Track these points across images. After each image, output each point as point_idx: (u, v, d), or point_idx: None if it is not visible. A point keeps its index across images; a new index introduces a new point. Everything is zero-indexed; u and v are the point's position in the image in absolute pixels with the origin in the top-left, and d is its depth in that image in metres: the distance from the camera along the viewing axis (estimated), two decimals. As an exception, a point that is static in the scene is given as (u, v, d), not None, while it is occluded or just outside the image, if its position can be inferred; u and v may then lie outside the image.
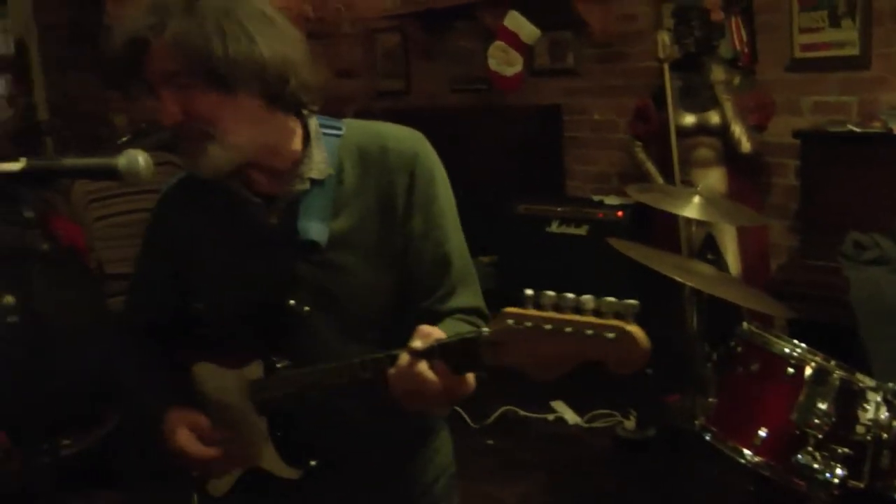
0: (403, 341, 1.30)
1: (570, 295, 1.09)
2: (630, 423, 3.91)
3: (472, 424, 4.07)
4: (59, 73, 5.36)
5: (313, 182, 1.46)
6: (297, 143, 1.46)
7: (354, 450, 1.53)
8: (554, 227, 4.40)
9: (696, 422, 2.88)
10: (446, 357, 1.22)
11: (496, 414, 4.13)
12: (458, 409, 4.07)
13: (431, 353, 1.23)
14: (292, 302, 1.45)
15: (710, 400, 2.99)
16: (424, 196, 1.47)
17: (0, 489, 2.36)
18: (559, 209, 4.41)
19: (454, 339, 1.24)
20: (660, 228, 3.79)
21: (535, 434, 4.03)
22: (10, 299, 2.74)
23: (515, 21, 4.77)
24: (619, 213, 4.20)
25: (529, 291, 1.12)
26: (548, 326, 1.09)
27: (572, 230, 4.34)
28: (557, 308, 1.09)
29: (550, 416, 4.13)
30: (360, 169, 1.48)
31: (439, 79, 5.78)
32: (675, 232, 3.52)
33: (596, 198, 4.49)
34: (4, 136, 5.27)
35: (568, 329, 1.07)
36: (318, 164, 1.46)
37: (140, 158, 1.33)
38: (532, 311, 1.11)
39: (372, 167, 1.47)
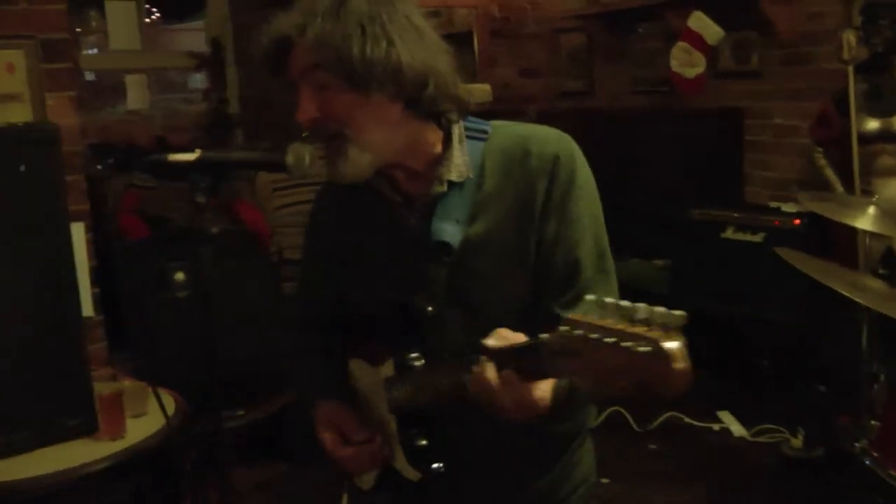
0: None
1: (626, 303, 1.00)
2: (797, 441, 3.75)
3: (635, 427, 4.04)
4: (251, 69, 5.70)
5: (451, 184, 1.46)
6: (436, 147, 1.47)
7: (482, 457, 1.53)
8: (729, 234, 4.28)
9: (858, 445, 2.75)
10: (507, 363, 1.20)
11: (660, 419, 4.08)
12: (622, 410, 4.06)
13: (502, 357, 1.21)
14: (419, 302, 1.46)
15: (873, 423, 2.85)
16: (560, 200, 1.44)
17: (175, 452, 2.57)
18: (735, 215, 4.28)
19: (514, 345, 1.21)
20: (838, 239, 3.61)
21: (698, 443, 3.95)
22: (181, 276, 2.98)
23: (700, 21, 4.68)
24: (796, 221, 4.02)
25: (591, 297, 1.05)
26: (594, 336, 1.01)
27: (748, 237, 4.20)
28: (619, 316, 1.01)
29: (716, 427, 4.03)
30: (502, 172, 1.47)
31: (622, 79, 5.73)
32: (853, 243, 3.35)
33: (773, 204, 4.32)
34: (199, 128, 5.68)
35: (609, 339, 0.99)
36: (458, 166, 1.46)
37: (306, 154, 1.40)
38: (590, 318, 1.03)
39: (514, 170, 1.46)
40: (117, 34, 5.19)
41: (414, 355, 1.47)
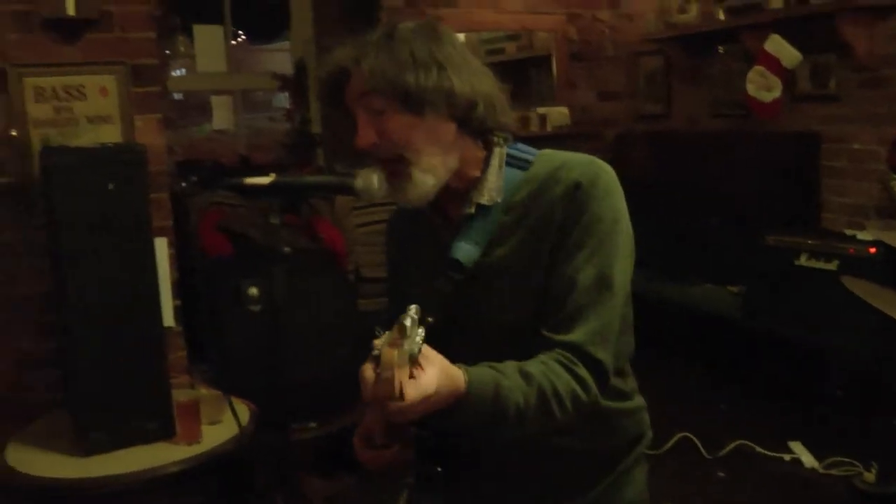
0: None
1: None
2: (870, 476, 3.67)
3: (705, 455, 4.01)
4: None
5: (480, 207, 1.53)
6: (477, 169, 1.55)
7: (522, 470, 1.58)
8: (803, 261, 4.22)
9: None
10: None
11: (730, 447, 4.04)
12: (692, 437, 4.05)
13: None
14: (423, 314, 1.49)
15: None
16: (572, 226, 1.47)
17: (248, 462, 2.68)
18: (809, 242, 4.23)
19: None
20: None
21: (768, 473, 3.89)
22: (254, 291, 3.11)
23: (777, 45, 4.64)
24: (872, 250, 3.95)
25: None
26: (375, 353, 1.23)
27: (822, 264, 4.14)
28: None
29: (787, 457, 3.96)
30: (531, 200, 1.52)
31: (700, 103, 5.70)
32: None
33: (849, 232, 4.25)
34: (282, 147, 5.85)
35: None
36: (490, 190, 1.53)
37: (374, 178, 1.49)
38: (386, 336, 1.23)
39: (541, 199, 1.51)
40: (205, 56, 5.39)
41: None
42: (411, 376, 1.23)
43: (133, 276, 2.52)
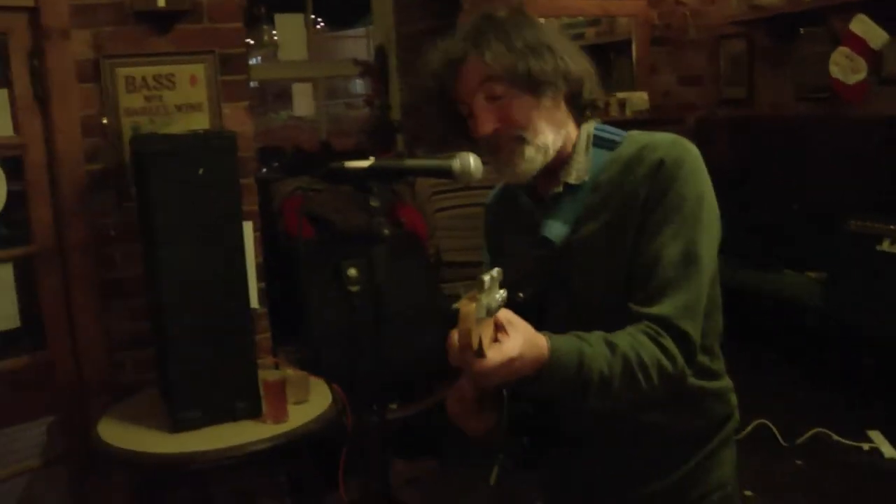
0: None
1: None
2: (953, 466, 3.61)
3: (782, 442, 3.97)
4: (414, 77, 5.90)
5: (568, 186, 1.58)
6: (569, 147, 1.59)
7: (607, 451, 1.61)
8: (885, 246, 4.13)
9: None
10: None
11: (808, 434, 3.99)
12: (769, 424, 4.01)
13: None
14: (513, 291, 1.49)
15: None
16: (655, 203, 1.49)
17: (333, 442, 2.74)
18: (892, 227, 4.13)
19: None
20: None
21: (846, 462, 3.83)
22: (353, 272, 3.18)
23: (864, 25, 4.53)
24: (958, 235, 3.86)
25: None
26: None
27: (906, 250, 4.06)
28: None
29: (866, 446, 3.90)
30: (618, 179, 1.54)
31: (784, 87, 5.59)
32: None
33: (935, 218, 4.15)
34: (362, 133, 5.92)
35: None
36: (578, 170, 1.57)
37: (471, 160, 1.53)
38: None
39: (626, 178, 1.53)
40: (286, 45, 5.48)
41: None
42: (495, 340, 1.26)
43: (223, 259, 2.60)
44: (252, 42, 5.60)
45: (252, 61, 6.15)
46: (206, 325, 2.60)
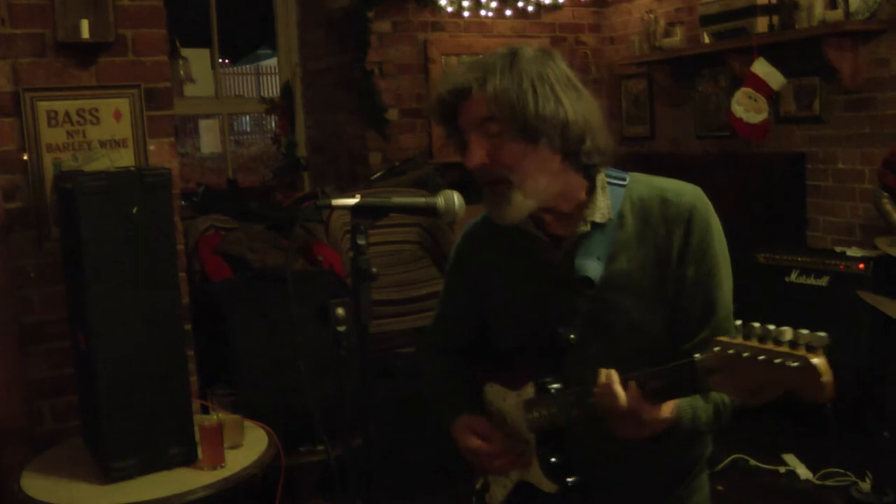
0: None
1: (773, 326, 1.19)
2: (865, 486, 3.75)
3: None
4: (320, 114, 5.88)
5: (595, 225, 1.60)
6: (582, 193, 1.62)
7: (613, 474, 1.64)
8: (793, 277, 4.32)
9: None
10: (648, 382, 1.38)
11: (727, 461, 4.10)
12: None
13: (637, 378, 1.39)
14: (561, 331, 1.59)
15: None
16: (699, 246, 1.57)
17: (269, 483, 2.67)
18: (799, 259, 4.33)
19: (665, 367, 1.37)
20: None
21: (765, 485, 3.95)
22: (341, 311, 3.08)
23: (764, 67, 4.75)
24: (861, 266, 4.06)
25: (738, 322, 1.23)
26: (745, 354, 1.20)
27: (812, 281, 4.24)
28: (761, 339, 1.20)
29: (782, 469, 4.04)
30: (640, 218, 1.60)
31: (684, 125, 5.80)
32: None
33: (838, 249, 4.36)
34: (268, 169, 5.86)
35: (762, 357, 1.18)
36: (601, 209, 1.60)
37: (455, 198, 1.56)
38: (738, 340, 1.22)
39: (651, 217, 1.59)
40: (192, 80, 5.38)
41: (552, 380, 1.59)
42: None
43: (158, 301, 2.51)
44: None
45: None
46: (139, 369, 2.49)
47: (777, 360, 1.16)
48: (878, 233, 4.17)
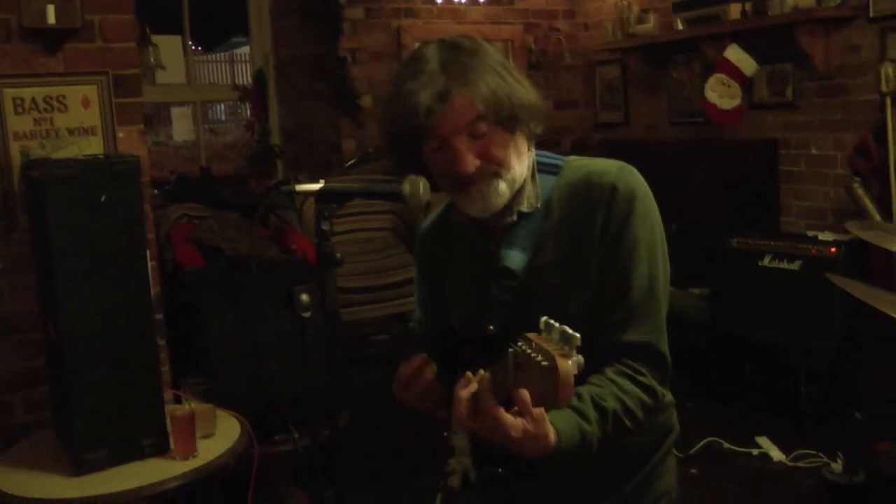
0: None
1: (564, 327, 1.15)
2: (837, 466, 3.79)
3: (677, 453, 4.07)
4: (294, 102, 5.84)
5: (521, 215, 1.58)
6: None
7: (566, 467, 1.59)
8: (766, 262, 4.35)
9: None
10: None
11: (700, 444, 4.13)
12: (662, 437, 4.12)
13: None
14: (483, 323, 1.55)
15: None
16: (616, 228, 1.52)
17: (243, 472, 2.66)
18: (772, 244, 4.36)
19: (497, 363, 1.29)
20: (876, 267, 3.68)
21: (738, 468, 3.99)
22: (305, 297, 3.06)
23: (737, 53, 4.77)
24: (833, 250, 4.09)
25: (543, 319, 1.18)
26: (529, 351, 1.16)
27: (784, 265, 4.27)
28: (556, 336, 1.15)
29: (755, 451, 4.07)
30: (568, 204, 1.57)
31: (658, 111, 5.82)
32: (892, 271, 3.42)
33: (810, 233, 4.39)
34: (242, 158, 5.81)
35: (534, 356, 1.14)
36: (529, 198, 1.58)
37: (420, 184, 1.53)
38: (535, 337, 1.17)
39: (577, 202, 1.56)
40: (164, 67, 5.32)
41: (479, 373, 1.52)
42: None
43: (127, 290, 2.48)
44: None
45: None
46: (110, 359, 2.47)
47: (537, 359, 1.12)
48: (849, 217, 4.21)
